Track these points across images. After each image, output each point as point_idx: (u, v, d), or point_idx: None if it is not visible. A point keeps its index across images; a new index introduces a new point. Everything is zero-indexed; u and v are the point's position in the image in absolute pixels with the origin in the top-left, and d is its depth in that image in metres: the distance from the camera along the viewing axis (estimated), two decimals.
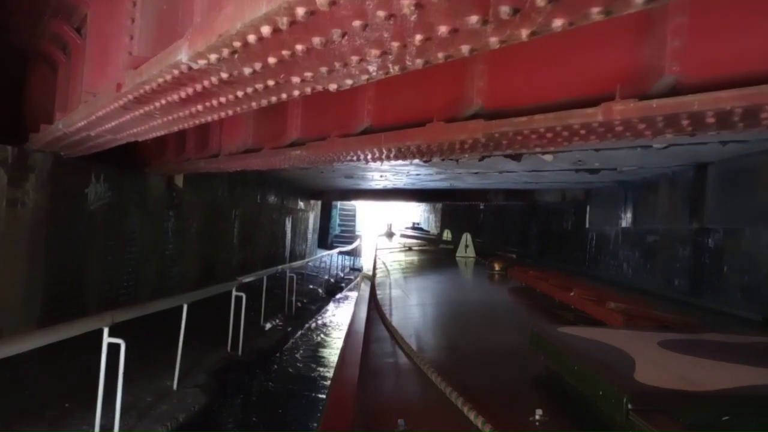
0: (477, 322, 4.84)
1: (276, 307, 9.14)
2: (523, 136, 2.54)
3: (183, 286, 8.58)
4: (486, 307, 5.75)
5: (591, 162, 6.78)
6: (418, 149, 3.10)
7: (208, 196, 9.61)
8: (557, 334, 2.75)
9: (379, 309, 4.94)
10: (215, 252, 10.03)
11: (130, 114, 2.70)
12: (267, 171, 11.87)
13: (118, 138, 3.73)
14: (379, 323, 4.43)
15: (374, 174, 10.85)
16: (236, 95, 2.05)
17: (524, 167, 7.80)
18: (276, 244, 14.21)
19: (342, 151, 3.58)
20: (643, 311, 4.19)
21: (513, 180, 9.66)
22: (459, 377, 2.67)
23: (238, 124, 5.13)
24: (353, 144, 3.47)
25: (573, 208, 11.22)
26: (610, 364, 2.18)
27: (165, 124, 2.88)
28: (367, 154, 3.49)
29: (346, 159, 3.84)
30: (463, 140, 2.74)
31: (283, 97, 2.03)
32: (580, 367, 2.26)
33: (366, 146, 3.35)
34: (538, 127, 2.37)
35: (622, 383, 1.93)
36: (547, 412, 2.13)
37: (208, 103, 2.25)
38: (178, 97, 2.17)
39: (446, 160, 7.62)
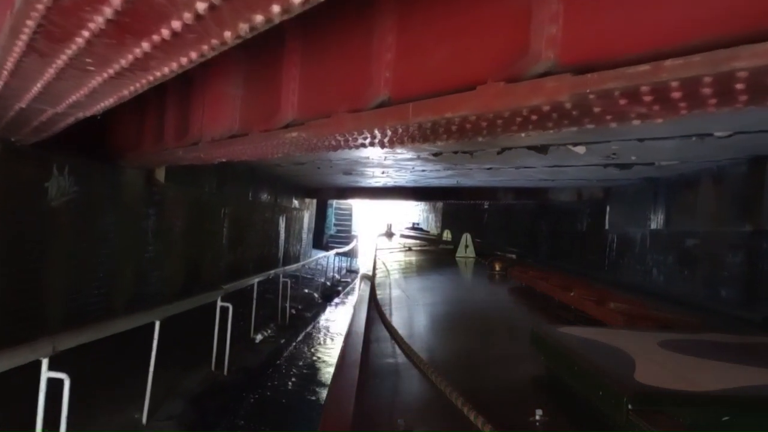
0: (477, 322, 4.83)
1: (268, 315, 8.30)
2: (631, 97, 1.72)
3: (165, 293, 7.72)
4: (486, 307, 5.72)
5: (626, 156, 5.99)
6: (461, 125, 2.27)
7: (194, 193, 8.74)
8: (557, 334, 2.75)
9: (379, 309, 4.90)
10: (202, 254, 9.16)
11: (51, 66, 1.87)
12: (259, 166, 11.03)
13: (60, 111, 2.88)
14: (379, 323, 4.44)
15: (375, 170, 10.02)
16: None
17: (546, 162, 7.02)
18: (269, 244, 13.34)
19: (353, 130, 2.75)
20: (643, 311, 4.22)
21: (527, 177, 8.86)
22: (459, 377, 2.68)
23: (222, 103, 4.29)
24: (368, 120, 2.64)
25: (588, 208, 10.44)
26: (610, 364, 2.18)
27: (109, 83, 2.05)
28: (387, 133, 2.67)
29: (357, 142, 3.01)
30: (536, 107, 1.92)
31: None
32: (580, 367, 2.26)
33: (387, 122, 2.52)
34: (668, 79, 1.54)
35: (622, 383, 1.93)
36: (547, 412, 2.12)
37: (157, 35, 1.41)
38: (105, 23, 1.34)
39: (459, 154, 6.82)
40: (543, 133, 2.39)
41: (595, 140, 5.31)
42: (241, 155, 4.36)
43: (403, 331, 3.90)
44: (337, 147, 3.34)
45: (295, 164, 9.86)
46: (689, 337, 2.94)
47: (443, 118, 2.24)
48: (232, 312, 5.61)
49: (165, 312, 4.20)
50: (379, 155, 7.83)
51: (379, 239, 17.07)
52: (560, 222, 11.72)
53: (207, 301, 5.27)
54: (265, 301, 8.81)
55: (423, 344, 3.80)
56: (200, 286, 9.05)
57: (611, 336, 2.81)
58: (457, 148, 6.51)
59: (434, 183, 11.84)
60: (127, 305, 6.65)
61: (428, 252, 12.93)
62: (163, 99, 5.43)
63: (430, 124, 2.33)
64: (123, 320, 3.77)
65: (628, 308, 4.25)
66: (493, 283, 7.58)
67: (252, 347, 6.75)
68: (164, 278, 7.73)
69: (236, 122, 4.13)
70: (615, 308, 4.21)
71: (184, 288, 8.41)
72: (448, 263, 10.37)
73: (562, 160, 6.67)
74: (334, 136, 2.96)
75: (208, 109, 4.48)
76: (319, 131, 2.98)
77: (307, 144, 3.41)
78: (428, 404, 2.60)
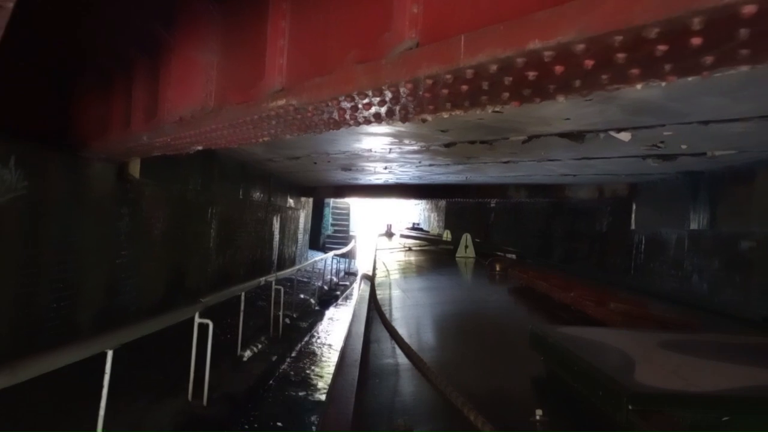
0: (477, 322, 4.79)
1: (259, 327, 7.41)
2: None
3: (143, 303, 6.82)
4: (486, 307, 5.67)
5: (675, 144, 5.13)
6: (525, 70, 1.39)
7: (177, 191, 7.83)
8: (557, 335, 2.75)
9: (379, 309, 4.86)
10: (186, 258, 8.26)
11: None
12: (250, 161, 10.14)
13: None
14: (379, 323, 4.41)
15: (377, 166, 9.13)
16: None
17: (574, 153, 6.16)
18: (262, 246, 12.45)
19: (366, 89, 1.86)
20: (643, 311, 4.20)
21: (547, 172, 8.00)
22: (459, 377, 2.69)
23: (193, 74, 3.40)
24: (390, 72, 1.76)
25: (609, 206, 9.59)
26: (610, 364, 2.18)
27: None
28: (418, 90, 1.77)
29: (369, 111, 2.12)
30: None
31: None
32: (580, 367, 2.25)
33: (421, 70, 1.63)
34: None
35: (622, 383, 1.92)
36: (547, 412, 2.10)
37: None
38: None
39: (477, 144, 5.94)
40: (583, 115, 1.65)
41: (646, 124, 4.44)
42: (217, 139, 3.47)
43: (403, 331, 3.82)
44: (339, 122, 2.45)
45: (289, 159, 8.98)
46: (689, 337, 2.95)
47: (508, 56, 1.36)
48: (216, 325, 4.74)
49: (119, 338, 3.29)
50: (382, 147, 6.95)
51: (379, 239, 17.02)
52: (576, 222, 10.87)
53: (181, 318, 4.38)
54: (257, 309, 7.93)
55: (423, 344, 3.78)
56: (185, 294, 8.16)
57: (611, 336, 2.82)
58: (475, 137, 5.64)
59: (440, 180, 10.96)
60: (96, 319, 5.75)
61: (428, 252, 12.78)
62: (130, 74, 4.55)
63: (496, 65, 1.44)
64: (56, 354, 2.84)
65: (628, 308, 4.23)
66: (493, 284, 7.53)
67: (239, 367, 5.85)
68: (141, 287, 6.82)
69: (211, 97, 3.24)
70: (615, 308, 4.18)
71: (165, 297, 7.51)
72: (448, 263, 10.28)
73: (595, 150, 5.80)
74: (337, 102, 2.07)
75: (177, 83, 3.59)
76: (316, 95, 2.09)
77: (300, 119, 2.52)
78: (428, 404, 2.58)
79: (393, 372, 3.21)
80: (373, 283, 7.11)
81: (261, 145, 7.75)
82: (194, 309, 4.52)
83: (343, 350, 3.51)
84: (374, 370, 3.23)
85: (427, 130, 5.47)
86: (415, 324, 4.83)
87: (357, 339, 3.80)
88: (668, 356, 2.40)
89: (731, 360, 2.40)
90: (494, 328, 4.49)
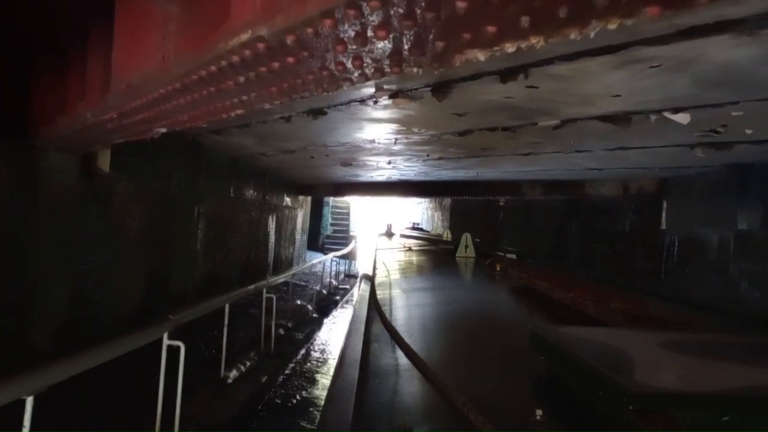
0: (477, 322, 4.73)
1: (249, 340, 6.60)
2: None
3: (118, 312, 6.02)
4: (486, 307, 5.58)
5: (740, 128, 4.31)
6: None
7: (158, 187, 7.02)
8: (557, 335, 2.75)
9: (379, 309, 4.83)
10: (169, 261, 7.45)
11: None
12: (242, 156, 9.32)
13: None
14: (379, 323, 4.39)
15: (380, 160, 8.31)
16: None
17: (609, 143, 5.37)
18: (256, 248, 11.63)
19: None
20: (643, 311, 4.18)
21: (570, 165, 7.19)
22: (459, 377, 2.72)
23: (145, 29, 2.58)
24: None
25: (633, 204, 8.77)
26: (610, 364, 2.16)
27: None
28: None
29: (383, 38, 1.30)
30: None
31: None
32: (580, 367, 2.22)
33: None
34: None
35: (622, 383, 1.92)
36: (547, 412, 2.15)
37: None
38: None
39: (498, 131, 5.13)
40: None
41: (715, 101, 3.62)
42: (177, 114, 2.64)
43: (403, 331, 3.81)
44: (337, 77, 1.62)
45: (284, 152, 8.16)
46: (689, 337, 2.91)
47: None
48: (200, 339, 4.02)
49: (45, 379, 2.45)
50: (387, 138, 6.13)
51: (379, 239, 17.27)
52: (595, 221, 10.04)
53: (143, 342, 3.54)
54: (248, 318, 7.12)
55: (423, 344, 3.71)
56: (168, 300, 7.35)
57: (611, 336, 2.82)
58: (496, 122, 4.82)
59: (447, 176, 10.14)
60: (56, 336, 4.95)
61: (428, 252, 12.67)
62: (86, 45, 3.75)
63: None
64: None
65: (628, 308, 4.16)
66: (493, 283, 7.39)
67: (222, 391, 5.03)
68: (115, 294, 6.01)
69: (169, 58, 2.42)
70: (615, 308, 4.11)
71: (145, 304, 6.71)
72: (448, 263, 10.18)
73: (636, 138, 4.99)
74: (332, 25, 1.24)
75: (128, 44, 2.76)
76: (297, 13, 1.26)
77: (278, 71, 1.69)
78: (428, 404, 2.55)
79: (393, 372, 3.15)
80: (373, 283, 7.02)
81: (251, 136, 6.94)
82: (161, 329, 3.70)
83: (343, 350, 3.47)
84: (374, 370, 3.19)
85: (441, 115, 4.66)
86: (415, 324, 4.70)
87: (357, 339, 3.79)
88: (668, 356, 2.40)
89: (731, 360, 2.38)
90: (494, 328, 4.45)
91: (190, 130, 6.84)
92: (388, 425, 2.25)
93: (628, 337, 2.79)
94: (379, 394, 2.82)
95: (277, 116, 5.35)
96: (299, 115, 5.20)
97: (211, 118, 2.55)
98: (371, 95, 4.16)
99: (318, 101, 4.54)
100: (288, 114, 5.21)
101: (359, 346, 3.56)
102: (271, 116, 5.39)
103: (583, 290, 4.92)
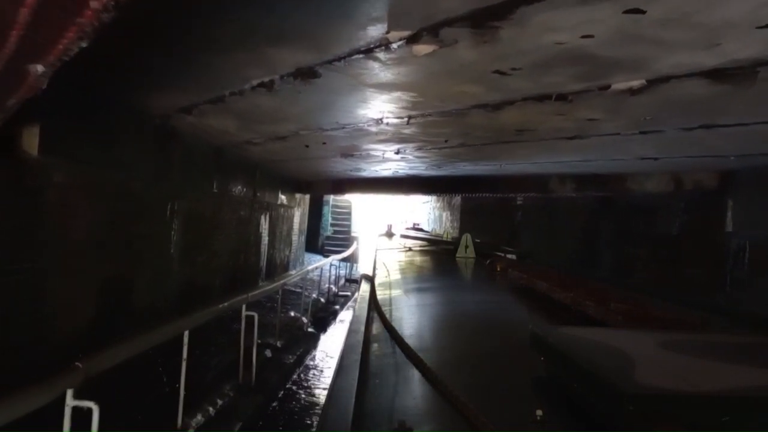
0: (477, 322, 4.70)
1: (225, 368, 5.32)
2: None
3: (55, 337, 4.75)
4: (486, 307, 5.56)
5: None
6: None
7: (116, 179, 5.73)
8: (557, 335, 2.74)
9: (379, 309, 4.92)
10: (132, 269, 6.16)
11: None
12: (226, 145, 8.03)
13: None
14: (379, 323, 4.49)
15: (387, 149, 7.01)
16: None
17: (693, 119, 4.07)
18: (246, 251, 10.35)
19: None
20: (644, 311, 4.26)
21: (620, 153, 5.90)
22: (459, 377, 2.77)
23: None
24: None
25: (684, 201, 7.46)
26: (610, 365, 2.17)
27: None
28: None
29: None
30: None
31: None
32: (580, 367, 2.24)
33: None
34: None
35: (622, 383, 1.92)
36: (547, 412, 2.15)
37: None
38: None
39: (549, 101, 3.84)
40: None
41: None
42: None
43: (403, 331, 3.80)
44: None
45: (274, 139, 6.88)
46: (689, 337, 2.90)
47: None
48: (162, 369, 2.73)
49: None
50: (399, 115, 4.84)
51: (380, 239, 17.41)
52: (632, 222, 8.72)
53: (29, 409, 2.22)
54: (229, 337, 5.81)
55: (423, 344, 3.70)
56: (131, 316, 6.07)
57: (611, 336, 2.82)
58: (551, 86, 3.53)
59: (464, 171, 8.84)
60: None
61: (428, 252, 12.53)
62: None
63: None
64: None
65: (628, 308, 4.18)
66: (493, 284, 7.36)
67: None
68: (51, 314, 4.73)
69: None
70: (615, 308, 4.13)
71: (97, 324, 5.43)
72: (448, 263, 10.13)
73: (737, 109, 3.70)
74: None
75: None
76: None
77: None
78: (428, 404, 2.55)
79: (393, 372, 3.12)
80: (373, 283, 7.01)
81: (230, 117, 5.65)
82: (61, 384, 2.39)
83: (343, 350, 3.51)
84: (374, 370, 3.19)
85: (477, 74, 3.40)
86: (415, 324, 4.65)
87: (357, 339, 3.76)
88: (668, 356, 2.38)
89: (731, 360, 2.36)
90: (494, 328, 4.39)
91: (156, 108, 5.56)
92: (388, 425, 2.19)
93: (628, 337, 2.76)
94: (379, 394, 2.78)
95: (255, 83, 4.06)
96: (284, 81, 3.92)
97: None
98: (380, 40, 2.88)
99: (306, 53, 3.25)
100: (269, 78, 3.92)
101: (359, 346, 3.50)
102: (247, 83, 4.11)
103: (583, 290, 4.91)
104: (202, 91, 4.55)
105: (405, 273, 8.89)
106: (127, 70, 4.17)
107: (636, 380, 1.96)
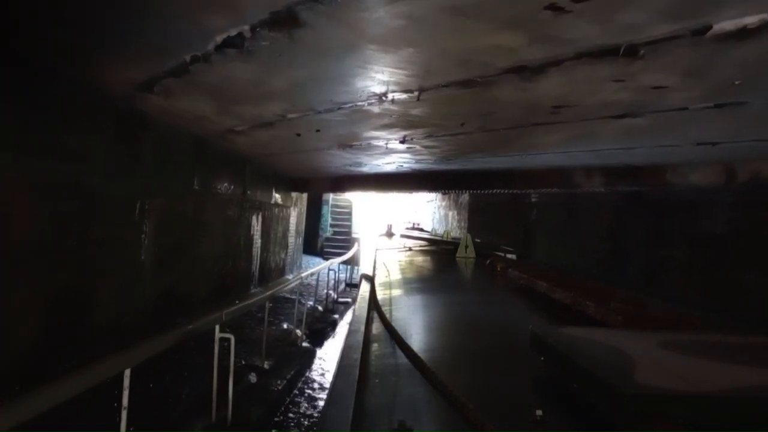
0: (477, 322, 4.72)
1: (196, 401, 4.33)
2: None
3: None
4: (486, 307, 5.59)
5: None
6: None
7: (65, 172, 4.76)
8: (557, 335, 2.73)
9: (379, 309, 4.88)
10: (90, 279, 5.20)
11: None
12: (210, 137, 6.94)
13: None
14: (379, 323, 4.42)
15: (392, 137, 6.02)
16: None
17: None
18: (235, 255, 9.38)
19: None
20: (643, 311, 4.28)
21: (673, 138, 4.91)
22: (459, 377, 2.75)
23: None
24: None
25: (732, 196, 6.47)
26: (610, 365, 2.16)
27: None
28: None
29: None
30: None
31: None
32: (580, 368, 2.23)
33: None
34: None
35: (622, 383, 1.92)
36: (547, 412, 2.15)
37: None
38: None
39: (617, 57, 2.84)
40: None
41: None
42: None
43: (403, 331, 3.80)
44: None
45: (259, 126, 5.89)
46: (689, 337, 2.91)
47: None
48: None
49: None
50: (407, 87, 3.85)
51: (379, 239, 17.41)
52: (667, 220, 7.71)
53: None
54: (208, 359, 4.80)
55: (423, 344, 3.71)
56: (89, 337, 5.13)
57: (611, 336, 2.79)
58: (623, 34, 2.54)
59: (477, 164, 7.84)
60: None
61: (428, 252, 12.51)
62: None
63: None
64: None
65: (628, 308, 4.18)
66: (494, 284, 7.36)
67: None
68: None
69: None
70: (615, 308, 4.14)
71: (44, 348, 4.48)
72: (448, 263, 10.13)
73: None
74: None
75: None
76: None
77: None
78: (428, 404, 2.55)
79: (393, 372, 3.12)
80: (373, 283, 6.93)
81: (202, 96, 4.66)
82: None
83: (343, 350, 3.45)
84: (374, 370, 3.17)
85: (521, 10, 2.39)
86: (415, 324, 4.64)
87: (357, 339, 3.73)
88: (668, 356, 2.36)
89: (731, 360, 2.35)
90: (494, 328, 4.40)
91: (109, 84, 4.57)
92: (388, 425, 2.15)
93: (628, 337, 2.74)
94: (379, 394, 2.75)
95: (220, 39, 3.08)
96: (258, 35, 2.95)
97: None
98: None
99: None
100: (236, 30, 2.94)
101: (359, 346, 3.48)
102: (210, 40, 3.13)
103: (583, 290, 4.99)
104: (155, 56, 3.56)
105: (405, 273, 8.72)
106: (53, 28, 3.20)
107: (636, 380, 1.96)
